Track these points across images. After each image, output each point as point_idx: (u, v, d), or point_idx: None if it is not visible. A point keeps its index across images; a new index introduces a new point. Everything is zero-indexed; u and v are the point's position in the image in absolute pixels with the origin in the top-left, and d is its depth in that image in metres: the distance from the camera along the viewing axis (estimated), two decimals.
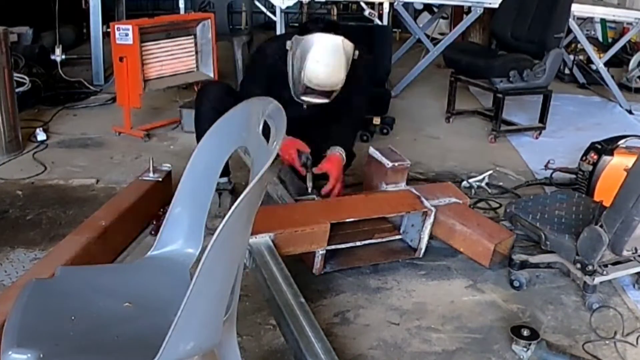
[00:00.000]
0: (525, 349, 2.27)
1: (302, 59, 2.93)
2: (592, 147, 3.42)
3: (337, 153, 3.07)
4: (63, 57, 5.61)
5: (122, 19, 6.32)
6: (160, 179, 3.26)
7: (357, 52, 3.00)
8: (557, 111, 5.09)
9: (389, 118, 4.77)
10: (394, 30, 7.35)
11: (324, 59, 2.91)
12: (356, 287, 2.74)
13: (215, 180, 1.82)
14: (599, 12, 6.14)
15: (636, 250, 2.53)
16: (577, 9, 5.38)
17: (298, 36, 2.97)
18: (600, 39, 7.20)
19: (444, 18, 7.63)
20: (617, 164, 3.18)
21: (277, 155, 3.13)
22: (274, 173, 3.18)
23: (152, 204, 3.16)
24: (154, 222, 3.09)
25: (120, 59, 4.29)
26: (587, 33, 6.80)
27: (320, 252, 2.69)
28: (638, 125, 5.22)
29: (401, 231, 2.95)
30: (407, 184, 3.14)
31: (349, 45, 2.95)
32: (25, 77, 4.86)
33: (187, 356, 1.45)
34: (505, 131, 4.77)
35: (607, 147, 3.35)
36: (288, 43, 3.01)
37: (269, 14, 6.41)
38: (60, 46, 5.60)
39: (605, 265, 2.60)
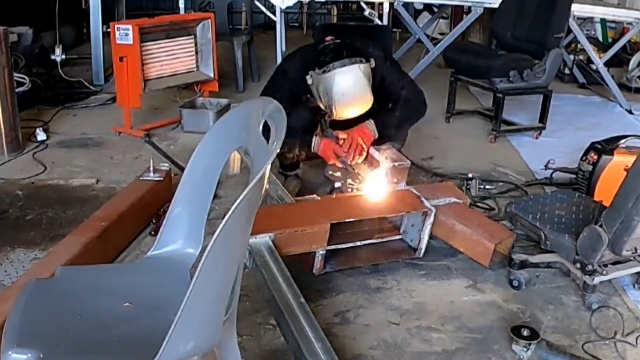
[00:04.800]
0: (525, 349, 2.27)
1: (328, 95, 3.05)
2: (592, 147, 3.42)
3: (366, 126, 3.19)
4: (63, 57, 5.62)
5: (122, 19, 6.32)
6: (160, 179, 3.26)
7: (372, 62, 3.09)
8: (557, 111, 5.08)
9: None
10: (394, 30, 7.36)
11: (349, 94, 3.04)
12: (356, 287, 2.74)
13: (215, 180, 1.82)
14: (599, 12, 6.14)
15: (636, 250, 2.52)
16: (577, 9, 5.38)
17: (316, 73, 3.06)
18: (600, 39, 7.20)
19: (444, 18, 7.63)
20: (617, 163, 3.18)
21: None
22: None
23: (152, 204, 3.17)
24: (154, 222, 3.09)
25: (120, 59, 4.29)
26: (587, 33, 6.80)
27: (320, 252, 2.69)
28: (638, 125, 5.22)
29: (401, 231, 2.95)
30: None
31: (366, 66, 3.05)
32: (25, 77, 4.86)
33: (187, 356, 1.45)
34: (505, 131, 4.77)
35: (607, 147, 3.35)
36: (308, 79, 3.10)
37: (269, 14, 6.41)
38: (60, 46, 5.61)
39: (605, 265, 2.60)
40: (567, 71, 6.45)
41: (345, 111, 3.10)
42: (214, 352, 1.63)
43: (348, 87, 3.02)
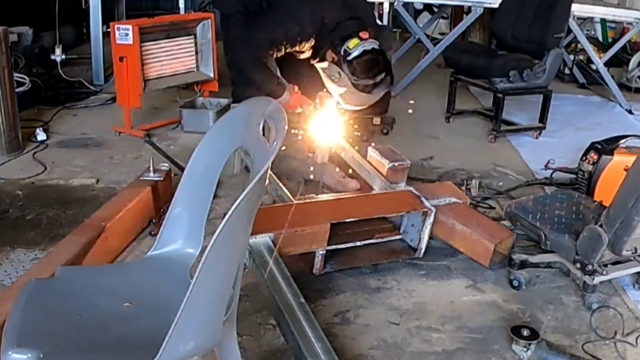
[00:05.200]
0: (525, 349, 2.27)
1: None
2: (592, 147, 3.42)
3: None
4: (63, 57, 5.62)
5: (122, 19, 6.32)
6: (160, 179, 3.26)
7: None
8: (557, 111, 5.08)
9: (389, 118, 4.77)
10: (394, 30, 7.35)
11: None
12: (356, 287, 2.74)
13: (215, 180, 1.82)
14: (599, 12, 6.14)
15: (636, 250, 2.53)
16: (577, 9, 5.38)
17: None
18: (600, 39, 7.20)
19: (444, 18, 7.63)
20: (617, 163, 3.19)
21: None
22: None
23: (152, 204, 3.16)
24: (154, 222, 3.09)
25: (120, 59, 4.28)
26: (587, 33, 6.80)
27: (320, 252, 2.69)
28: (638, 125, 5.22)
29: (401, 231, 2.95)
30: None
31: None
32: (25, 77, 4.86)
33: (187, 356, 1.45)
34: (505, 131, 4.77)
35: (607, 147, 3.35)
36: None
37: None
38: (60, 46, 5.60)
39: (605, 265, 2.60)
40: (567, 71, 6.45)
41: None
42: (214, 352, 1.63)
43: None
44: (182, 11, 5.81)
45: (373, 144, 3.40)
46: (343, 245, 2.78)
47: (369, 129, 4.57)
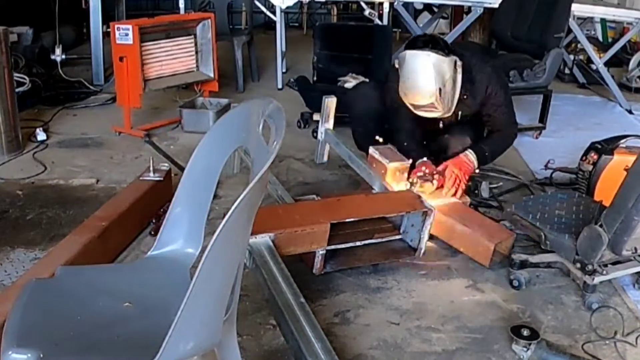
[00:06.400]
0: (525, 349, 2.27)
1: (400, 76, 3.10)
2: (592, 147, 3.42)
3: (462, 156, 3.18)
4: (63, 57, 5.62)
5: (122, 19, 6.32)
6: (160, 179, 3.26)
7: (457, 61, 3.05)
8: (557, 111, 5.08)
9: None
10: (394, 30, 7.35)
11: (411, 77, 3.03)
12: (356, 287, 2.74)
13: (215, 180, 1.82)
14: (599, 12, 6.14)
15: (636, 250, 2.52)
16: (577, 9, 5.38)
17: (400, 53, 3.11)
18: (600, 39, 7.20)
19: (444, 18, 7.62)
20: (617, 163, 3.18)
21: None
22: None
23: (152, 204, 3.17)
24: (154, 222, 3.09)
25: (120, 59, 4.29)
26: (587, 33, 6.80)
27: (320, 252, 2.69)
28: (638, 125, 5.22)
29: (401, 231, 2.95)
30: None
31: (441, 59, 2.99)
32: (25, 77, 4.86)
33: (187, 356, 1.45)
34: None
35: (607, 147, 3.35)
36: (396, 61, 3.13)
37: (269, 14, 6.41)
38: (60, 46, 5.61)
39: (605, 265, 2.60)
40: (567, 71, 6.44)
41: (408, 96, 3.07)
42: (214, 352, 1.63)
43: (411, 71, 3.01)
44: (182, 11, 5.82)
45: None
46: (343, 245, 2.78)
47: None
